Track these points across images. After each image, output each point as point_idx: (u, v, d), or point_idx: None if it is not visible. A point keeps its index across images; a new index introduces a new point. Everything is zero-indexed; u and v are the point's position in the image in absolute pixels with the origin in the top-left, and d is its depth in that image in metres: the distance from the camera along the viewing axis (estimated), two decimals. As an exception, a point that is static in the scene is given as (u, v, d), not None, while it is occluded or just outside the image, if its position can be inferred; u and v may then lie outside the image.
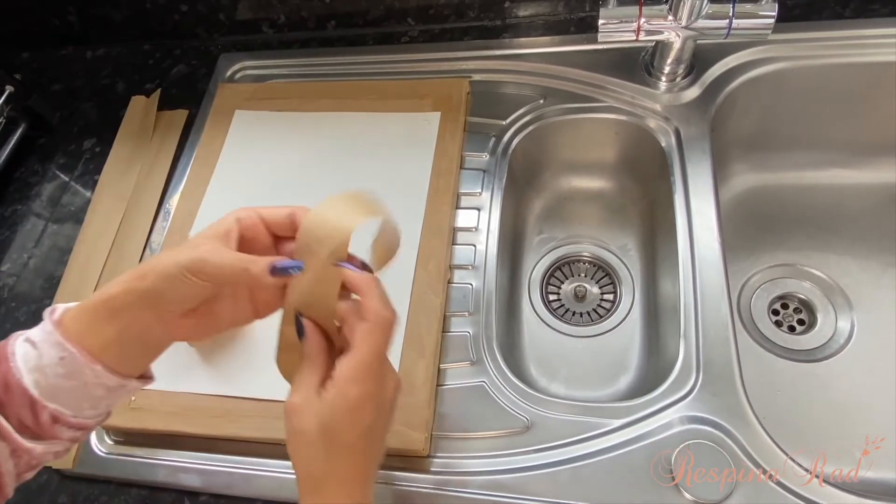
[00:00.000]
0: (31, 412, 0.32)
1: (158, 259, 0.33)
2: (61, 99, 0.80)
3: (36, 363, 0.32)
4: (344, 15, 0.74)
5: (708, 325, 0.51)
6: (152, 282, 0.33)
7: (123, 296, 0.33)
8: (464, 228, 0.59)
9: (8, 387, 0.31)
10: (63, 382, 0.32)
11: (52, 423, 0.32)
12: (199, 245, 0.33)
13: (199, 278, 0.33)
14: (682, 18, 0.54)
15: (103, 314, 0.33)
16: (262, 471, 0.50)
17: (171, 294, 0.33)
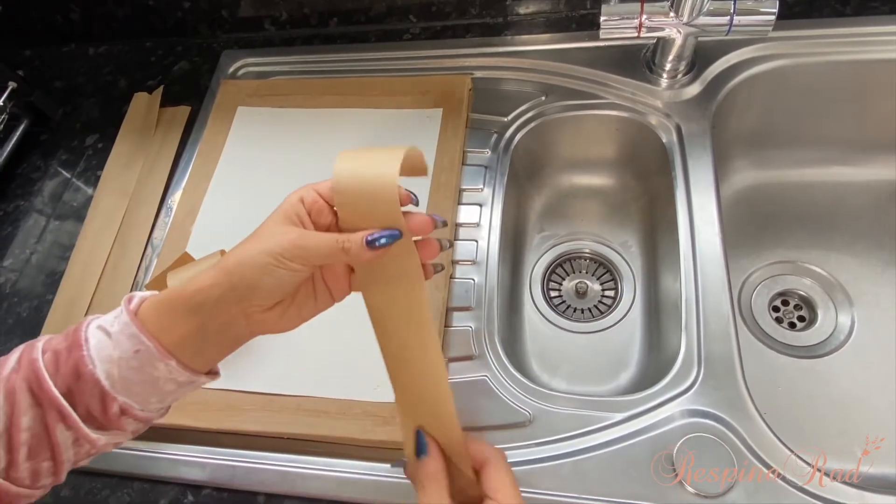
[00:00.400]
0: (101, 403, 0.32)
1: (241, 252, 0.32)
2: (64, 95, 0.80)
3: (109, 354, 0.31)
4: (346, 12, 0.74)
5: (709, 319, 0.51)
6: (244, 275, 0.31)
7: (209, 290, 0.32)
8: (466, 224, 0.59)
9: (80, 376, 0.31)
10: (135, 376, 0.32)
11: (120, 415, 0.32)
12: (282, 232, 0.32)
13: (298, 263, 0.32)
14: (683, 15, 0.54)
15: (185, 308, 0.32)
16: (264, 464, 0.50)
17: (264, 285, 0.32)
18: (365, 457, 0.49)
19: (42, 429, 0.31)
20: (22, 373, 0.32)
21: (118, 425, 0.32)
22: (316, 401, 0.51)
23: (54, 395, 0.31)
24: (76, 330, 0.32)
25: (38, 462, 0.32)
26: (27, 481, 0.32)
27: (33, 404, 0.31)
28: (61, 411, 0.31)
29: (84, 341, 0.32)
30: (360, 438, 0.49)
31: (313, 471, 0.49)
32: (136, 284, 0.61)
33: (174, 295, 0.32)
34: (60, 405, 0.31)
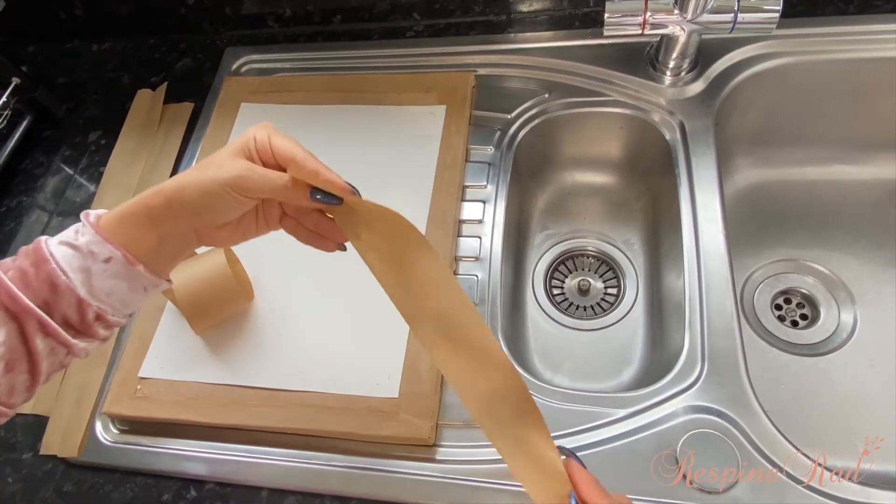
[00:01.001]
0: (78, 312, 0.34)
1: (193, 176, 0.35)
2: (67, 92, 0.80)
3: (81, 264, 0.34)
4: (350, 9, 0.74)
5: (713, 316, 0.51)
6: (194, 197, 0.35)
7: (165, 207, 0.35)
8: (469, 221, 0.59)
9: (55, 287, 0.33)
10: (107, 283, 0.34)
11: (95, 320, 0.35)
12: (231, 163, 0.35)
13: (242, 195, 0.35)
14: (687, 13, 0.55)
15: (144, 222, 0.35)
16: (267, 459, 0.50)
17: (213, 209, 0.35)
18: (368, 452, 0.49)
19: (19, 342, 0.33)
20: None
21: (92, 332, 0.35)
22: (319, 396, 0.51)
23: (30, 307, 0.33)
24: (35, 249, 0.34)
25: (14, 376, 0.34)
26: (3, 397, 0.34)
27: (7, 319, 0.33)
28: (40, 321, 0.33)
29: (50, 255, 0.34)
30: (363, 434, 0.49)
31: (316, 466, 0.49)
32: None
33: (134, 209, 0.35)
34: (39, 315, 0.33)
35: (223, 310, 0.54)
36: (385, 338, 0.52)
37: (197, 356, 0.54)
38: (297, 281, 0.57)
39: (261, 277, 0.57)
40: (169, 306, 0.57)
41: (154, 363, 0.55)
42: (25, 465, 0.54)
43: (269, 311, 0.56)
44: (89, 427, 0.54)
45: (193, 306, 0.52)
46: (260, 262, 0.58)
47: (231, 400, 0.52)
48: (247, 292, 0.56)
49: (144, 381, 0.54)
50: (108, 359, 0.57)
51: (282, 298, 0.57)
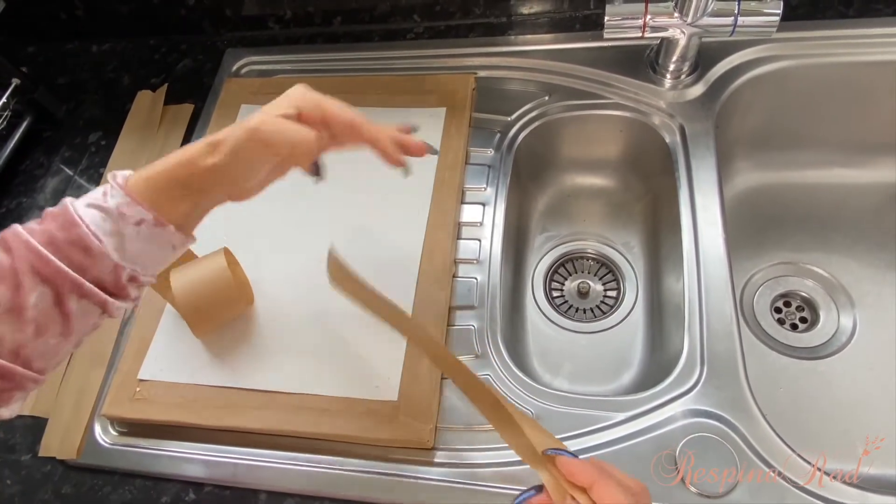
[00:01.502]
0: (113, 274, 0.35)
1: (237, 141, 0.36)
2: (67, 92, 0.80)
3: (112, 227, 0.34)
4: (350, 11, 0.74)
5: (712, 319, 0.51)
6: (239, 167, 0.36)
7: (208, 174, 0.36)
8: (469, 223, 0.59)
9: (88, 251, 0.33)
10: (139, 245, 0.35)
11: (129, 281, 0.35)
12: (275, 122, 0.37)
13: (284, 149, 0.37)
14: (687, 16, 0.55)
15: (175, 188, 0.36)
16: (266, 462, 0.50)
17: (255, 174, 0.38)
18: (367, 455, 0.49)
19: (52, 304, 0.33)
20: (17, 255, 0.33)
21: (126, 293, 0.36)
22: (318, 399, 0.51)
23: (64, 270, 0.33)
24: (63, 212, 0.34)
25: (46, 339, 0.34)
26: (35, 362, 0.34)
27: (38, 282, 0.33)
28: (75, 283, 0.33)
29: (79, 219, 0.34)
30: (362, 437, 0.49)
31: (315, 469, 0.49)
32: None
33: (162, 178, 0.36)
34: (73, 277, 0.33)
35: (224, 314, 0.54)
36: (384, 340, 0.51)
37: (196, 358, 0.54)
38: (296, 283, 0.57)
39: (261, 280, 0.57)
40: (168, 308, 0.57)
41: (153, 365, 0.55)
42: (24, 467, 0.54)
43: (268, 314, 0.56)
44: (88, 429, 0.54)
45: (194, 311, 0.52)
46: (260, 264, 0.58)
47: (230, 402, 0.52)
48: (247, 296, 0.56)
49: (143, 384, 0.54)
50: (108, 360, 0.57)
51: (281, 301, 0.57)
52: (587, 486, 0.32)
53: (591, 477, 0.32)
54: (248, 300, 0.56)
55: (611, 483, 0.32)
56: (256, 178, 0.39)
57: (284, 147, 0.37)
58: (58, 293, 0.33)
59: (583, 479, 0.33)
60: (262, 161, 0.37)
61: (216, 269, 0.52)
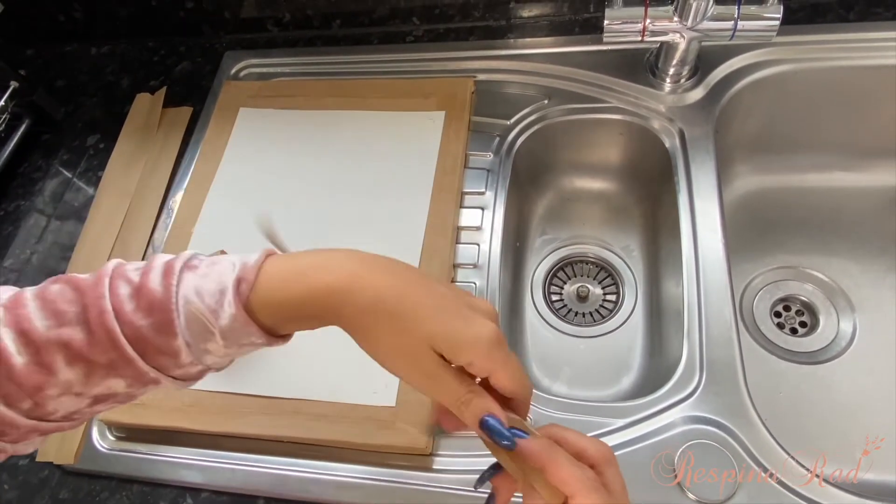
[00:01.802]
0: (197, 373, 0.32)
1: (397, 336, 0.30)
2: (66, 95, 0.80)
3: (214, 350, 0.30)
4: (349, 14, 0.74)
5: (711, 325, 0.51)
6: (378, 335, 0.30)
7: (343, 318, 0.30)
8: (468, 227, 0.59)
9: (177, 357, 0.30)
10: (234, 354, 0.32)
11: (209, 370, 0.33)
12: (429, 357, 0.30)
13: (419, 385, 0.31)
14: (687, 20, 0.54)
15: (307, 321, 0.31)
16: (263, 467, 0.50)
17: (392, 364, 0.32)
18: (364, 461, 0.49)
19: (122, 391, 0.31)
20: (97, 341, 0.28)
21: (201, 377, 0.33)
22: (315, 404, 0.50)
23: (148, 373, 0.29)
24: (164, 303, 0.29)
25: (102, 406, 0.31)
26: (84, 420, 0.32)
27: (113, 376, 0.30)
28: (154, 381, 0.30)
29: (178, 325, 0.29)
30: (360, 442, 0.48)
31: (312, 475, 0.49)
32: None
33: (302, 309, 0.30)
34: (154, 378, 0.30)
35: None
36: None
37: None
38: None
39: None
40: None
41: (151, 370, 0.54)
42: (21, 472, 0.54)
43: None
44: (86, 434, 0.54)
45: None
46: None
47: (228, 407, 0.52)
48: None
49: (141, 388, 0.53)
50: (105, 365, 0.57)
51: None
52: (540, 468, 0.30)
53: (541, 459, 0.30)
54: None
55: (561, 463, 0.29)
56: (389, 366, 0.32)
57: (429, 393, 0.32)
58: (132, 384, 0.30)
59: (534, 461, 0.30)
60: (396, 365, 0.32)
61: None
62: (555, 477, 0.29)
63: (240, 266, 0.30)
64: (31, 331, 0.29)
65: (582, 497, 0.29)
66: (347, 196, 0.62)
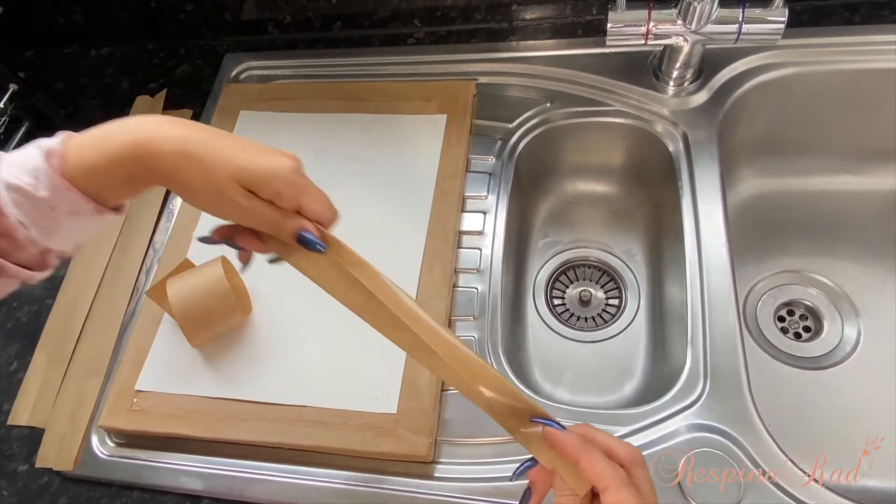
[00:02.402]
0: (40, 256, 0.33)
1: (208, 167, 0.33)
2: (65, 97, 0.79)
3: (43, 219, 0.32)
4: (350, 16, 0.74)
5: (715, 332, 0.50)
6: (193, 187, 0.33)
7: (148, 176, 0.33)
8: (469, 232, 0.59)
9: (14, 239, 0.32)
10: (73, 228, 0.33)
11: (56, 258, 0.35)
12: (238, 194, 0.34)
13: (234, 216, 0.34)
14: (691, 23, 0.54)
15: (118, 179, 0.33)
16: (263, 474, 0.49)
17: (203, 201, 0.34)
18: (364, 468, 0.48)
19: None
20: None
21: (50, 265, 0.35)
22: (316, 411, 0.50)
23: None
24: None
25: None
26: None
27: None
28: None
29: (3, 205, 0.31)
30: (361, 450, 0.48)
31: (313, 482, 0.49)
32: (137, 289, 0.61)
33: (114, 165, 0.32)
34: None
35: (220, 323, 0.54)
36: (384, 353, 0.51)
37: (194, 369, 0.54)
38: (295, 293, 0.56)
39: (259, 289, 0.57)
40: (166, 319, 0.57)
41: (150, 376, 0.54)
42: (21, 478, 0.54)
43: (266, 324, 0.56)
44: (85, 440, 0.54)
45: (190, 319, 0.51)
46: (258, 273, 0.57)
47: (228, 414, 0.51)
48: (244, 305, 0.56)
49: (140, 395, 0.53)
50: (105, 371, 0.57)
51: (280, 311, 0.56)
52: (573, 461, 0.32)
53: (577, 452, 0.31)
54: (246, 310, 0.56)
55: (595, 457, 0.31)
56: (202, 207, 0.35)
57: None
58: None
59: (570, 454, 0.32)
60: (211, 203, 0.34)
61: (213, 279, 0.52)
62: (589, 470, 0.31)
63: (45, 146, 0.32)
64: None
65: (613, 491, 0.30)
66: (348, 200, 0.61)
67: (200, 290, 0.52)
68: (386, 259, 0.58)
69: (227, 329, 0.55)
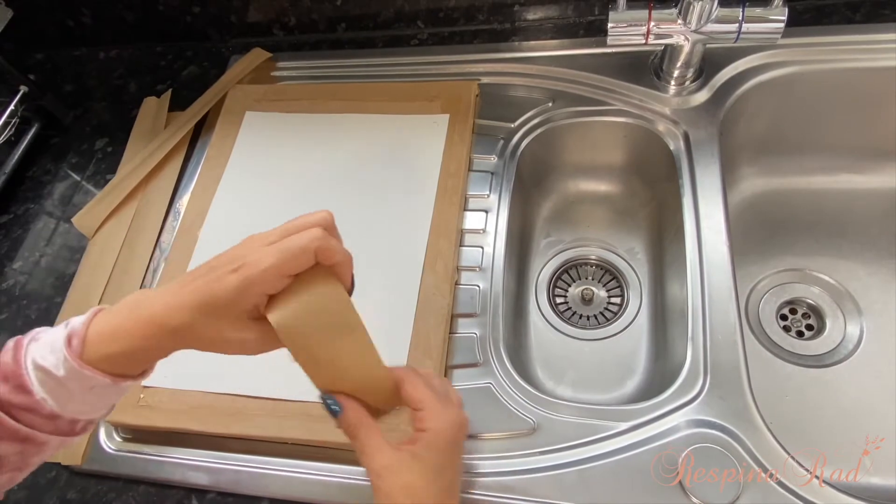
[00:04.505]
0: (69, 427, 0.35)
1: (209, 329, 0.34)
2: (74, 99, 0.81)
3: (66, 394, 0.34)
4: (354, 18, 0.75)
5: (716, 329, 0.51)
6: (207, 337, 0.35)
7: (172, 346, 0.35)
8: (471, 230, 0.59)
9: (42, 414, 0.34)
10: (92, 401, 0.35)
11: (82, 428, 0.36)
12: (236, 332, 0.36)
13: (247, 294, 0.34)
14: (691, 22, 0.54)
15: (142, 356, 0.35)
16: (269, 469, 0.50)
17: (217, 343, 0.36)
18: (369, 463, 0.49)
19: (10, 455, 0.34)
20: None
21: (84, 431, 0.37)
22: (321, 407, 0.50)
23: (20, 430, 0.33)
24: (15, 370, 0.33)
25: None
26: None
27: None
28: (30, 438, 0.34)
29: (30, 384, 0.33)
30: (365, 444, 0.49)
31: (317, 476, 0.49)
32: (144, 287, 0.62)
33: (131, 348, 0.34)
34: (28, 434, 0.34)
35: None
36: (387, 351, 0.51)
37: (200, 365, 0.54)
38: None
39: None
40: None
41: (158, 372, 0.54)
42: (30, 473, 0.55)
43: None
44: (93, 435, 0.54)
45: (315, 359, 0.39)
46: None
47: (234, 410, 0.52)
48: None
49: (148, 390, 0.54)
50: (113, 367, 0.57)
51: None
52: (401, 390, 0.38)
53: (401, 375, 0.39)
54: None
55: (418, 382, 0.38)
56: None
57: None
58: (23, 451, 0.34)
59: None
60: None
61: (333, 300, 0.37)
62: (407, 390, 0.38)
63: (70, 326, 0.35)
64: None
65: (408, 377, 0.38)
66: (352, 199, 0.62)
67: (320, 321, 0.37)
68: (389, 256, 0.59)
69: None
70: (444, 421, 0.37)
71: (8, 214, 0.73)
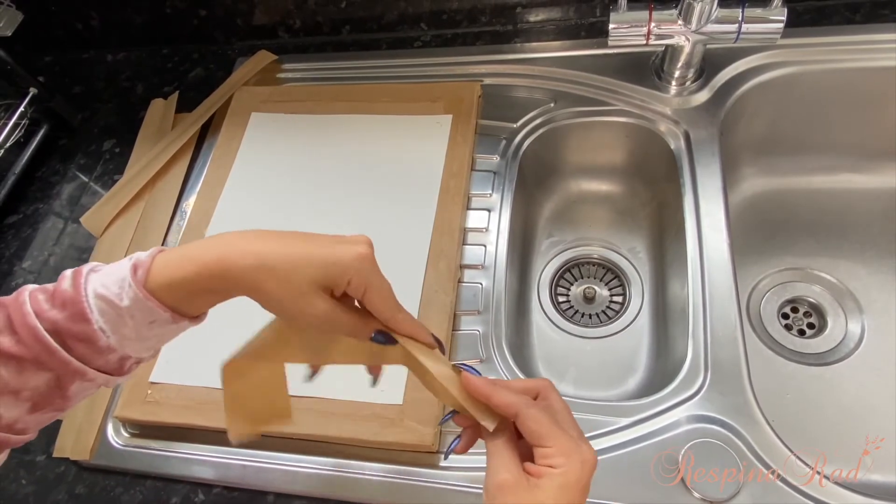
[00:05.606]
0: (119, 363, 0.35)
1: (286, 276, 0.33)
2: (82, 101, 0.82)
3: (124, 328, 0.33)
4: (359, 20, 0.76)
5: (716, 325, 0.51)
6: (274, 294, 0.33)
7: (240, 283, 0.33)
8: (474, 229, 0.60)
9: (96, 345, 0.33)
10: (148, 337, 0.35)
11: (133, 365, 0.36)
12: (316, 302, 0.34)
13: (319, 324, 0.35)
14: (692, 23, 0.55)
15: (200, 292, 0.34)
16: (275, 464, 0.51)
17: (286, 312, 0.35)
18: (373, 458, 0.49)
19: (54, 387, 0.33)
20: (23, 341, 0.32)
21: (128, 371, 0.36)
22: (325, 402, 0.51)
23: (71, 362, 0.33)
24: (74, 299, 0.33)
25: (42, 413, 0.34)
26: (29, 431, 0.35)
27: (42, 370, 0.33)
28: (79, 371, 0.33)
29: (89, 312, 0.33)
30: (368, 440, 0.49)
31: (322, 471, 0.50)
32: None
33: (196, 283, 0.33)
34: (77, 367, 0.33)
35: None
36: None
37: (207, 361, 0.54)
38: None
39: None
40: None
41: (164, 368, 0.56)
42: (39, 468, 0.55)
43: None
44: (101, 430, 0.55)
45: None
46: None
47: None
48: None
49: (155, 386, 0.55)
50: (120, 363, 0.58)
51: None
52: (485, 399, 0.34)
53: (486, 389, 0.34)
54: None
55: (502, 392, 0.34)
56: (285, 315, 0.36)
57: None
58: (60, 378, 0.33)
59: (480, 393, 0.34)
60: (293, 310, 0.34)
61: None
62: (497, 402, 0.34)
63: (134, 259, 0.34)
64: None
65: (523, 413, 0.33)
66: (356, 198, 0.63)
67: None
68: (393, 255, 0.59)
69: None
70: (577, 462, 0.32)
71: (17, 214, 0.74)
